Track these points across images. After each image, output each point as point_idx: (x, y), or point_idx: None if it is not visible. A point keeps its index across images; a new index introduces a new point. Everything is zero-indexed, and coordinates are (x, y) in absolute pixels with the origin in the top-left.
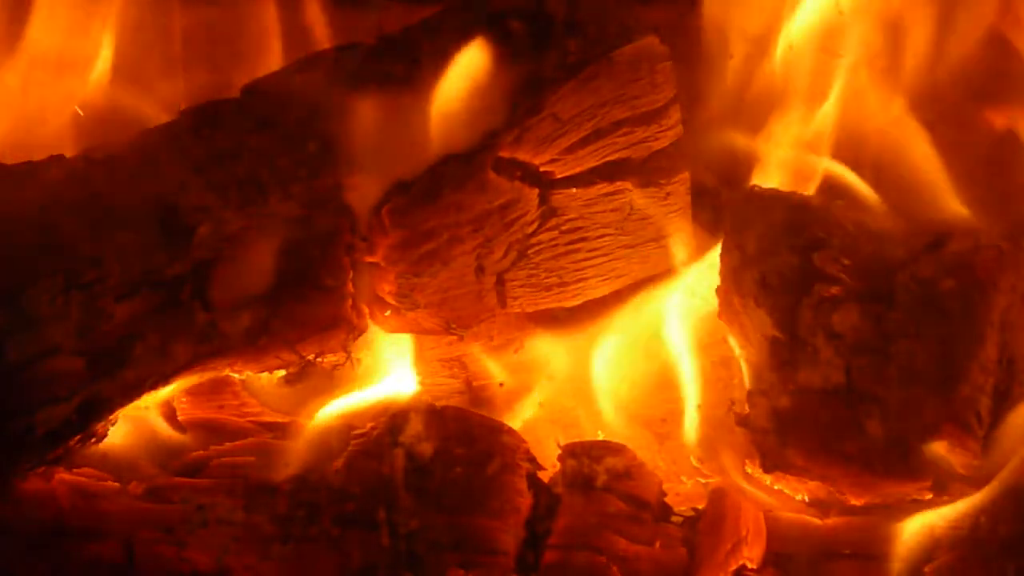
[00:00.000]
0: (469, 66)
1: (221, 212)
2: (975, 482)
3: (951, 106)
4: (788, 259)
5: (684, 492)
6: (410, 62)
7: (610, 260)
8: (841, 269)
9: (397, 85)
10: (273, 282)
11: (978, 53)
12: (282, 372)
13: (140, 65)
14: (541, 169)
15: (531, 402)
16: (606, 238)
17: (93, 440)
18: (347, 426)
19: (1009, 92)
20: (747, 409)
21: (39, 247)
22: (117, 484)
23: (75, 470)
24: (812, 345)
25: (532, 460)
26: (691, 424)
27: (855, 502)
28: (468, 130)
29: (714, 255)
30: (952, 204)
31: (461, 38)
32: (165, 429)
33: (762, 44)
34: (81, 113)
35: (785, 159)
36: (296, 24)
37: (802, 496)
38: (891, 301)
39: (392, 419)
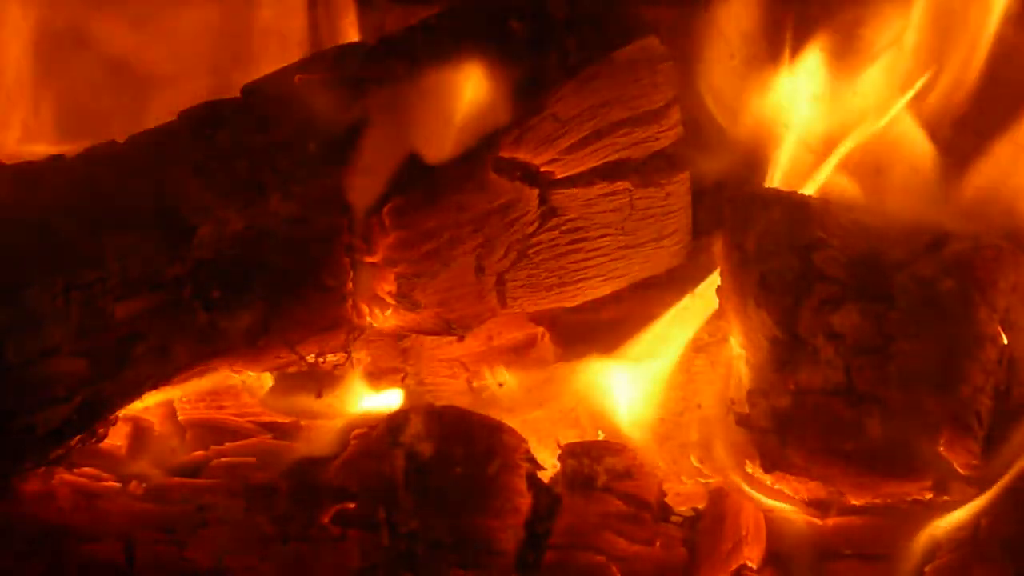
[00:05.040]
0: (469, 66)
1: (221, 212)
2: (976, 482)
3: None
4: (788, 259)
5: (684, 492)
6: (410, 62)
7: (610, 260)
8: (841, 269)
9: (397, 85)
10: (273, 282)
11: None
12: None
13: (140, 65)
14: (541, 169)
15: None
16: (606, 238)
17: (93, 440)
18: (347, 426)
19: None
20: (747, 409)
21: (39, 247)
22: (117, 484)
23: (75, 470)
24: (812, 345)
25: (532, 460)
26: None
27: (855, 502)
28: (468, 130)
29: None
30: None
31: (461, 38)
32: (165, 429)
33: (764, 45)
34: None
35: (787, 159)
36: (296, 24)
37: (802, 496)
38: (891, 301)
39: (392, 419)
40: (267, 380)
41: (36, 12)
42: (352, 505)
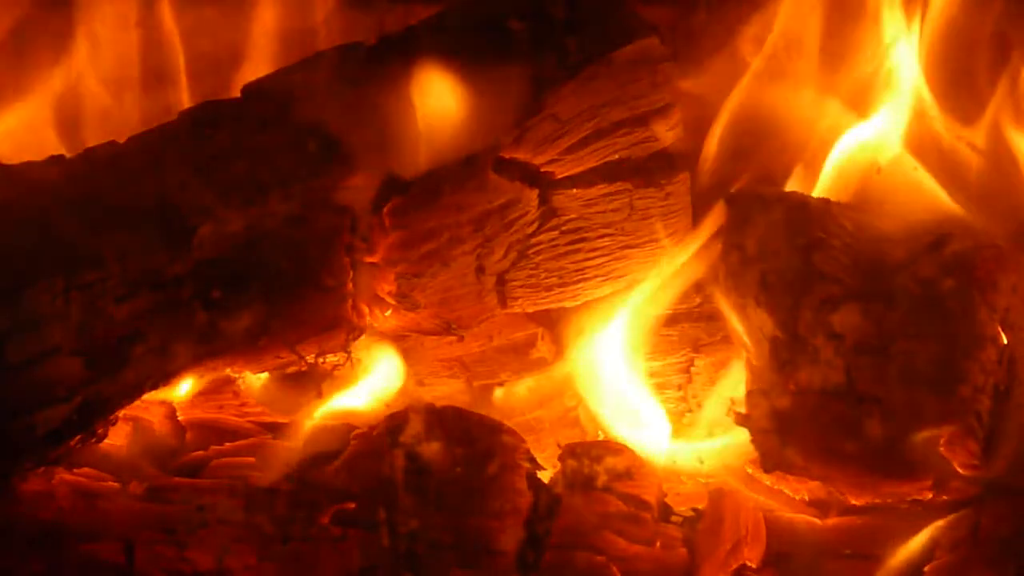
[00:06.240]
0: (469, 66)
1: (221, 212)
2: (975, 482)
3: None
4: (788, 259)
5: (684, 492)
6: (410, 62)
7: (610, 260)
8: (841, 269)
9: (397, 85)
10: (273, 282)
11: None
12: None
13: (140, 65)
14: (541, 169)
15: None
16: (606, 238)
17: (93, 440)
18: (347, 426)
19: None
20: (747, 409)
21: (39, 247)
22: (117, 484)
23: (75, 470)
24: (812, 345)
25: (532, 460)
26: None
27: (855, 502)
28: (468, 130)
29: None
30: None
31: (461, 38)
32: (165, 429)
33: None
34: None
35: (787, 157)
36: (296, 24)
37: (802, 496)
38: (891, 301)
39: (392, 419)
40: (267, 380)
41: None
42: (352, 505)
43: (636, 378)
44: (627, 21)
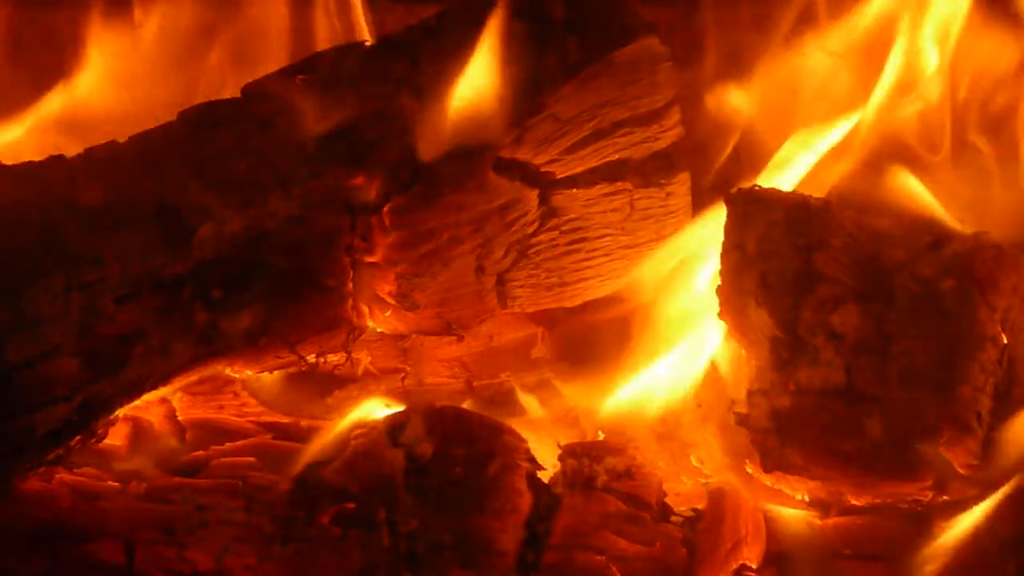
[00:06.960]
0: (469, 66)
1: (221, 212)
2: (975, 482)
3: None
4: (788, 259)
5: (684, 492)
6: (410, 62)
7: (610, 260)
8: (841, 269)
9: (397, 85)
10: (273, 282)
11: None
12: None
13: (140, 65)
14: (541, 169)
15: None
16: (606, 238)
17: (93, 440)
18: (347, 426)
19: None
20: (747, 409)
21: (39, 247)
22: (117, 484)
23: (75, 470)
24: (812, 345)
25: (532, 460)
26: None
27: (855, 502)
28: (468, 130)
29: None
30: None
31: (461, 38)
32: (165, 429)
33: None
34: None
35: (788, 158)
36: (296, 24)
37: (802, 496)
38: (891, 301)
39: (392, 419)
40: (267, 380)
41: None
42: (352, 505)
43: None
44: (627, 21)
